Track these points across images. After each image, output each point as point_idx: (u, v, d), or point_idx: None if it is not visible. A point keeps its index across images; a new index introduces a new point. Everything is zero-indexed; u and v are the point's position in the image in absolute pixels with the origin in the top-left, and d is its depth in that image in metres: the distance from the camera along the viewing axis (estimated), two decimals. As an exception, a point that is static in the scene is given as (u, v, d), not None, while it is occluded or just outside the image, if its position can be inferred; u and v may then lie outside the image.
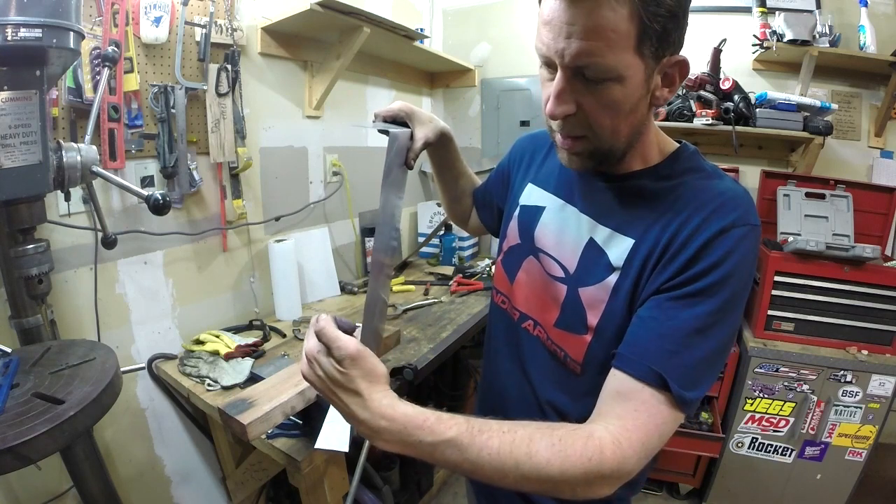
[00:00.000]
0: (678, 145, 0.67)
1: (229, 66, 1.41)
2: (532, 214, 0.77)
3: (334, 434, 0.87)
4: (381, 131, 0.80)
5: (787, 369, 1.68)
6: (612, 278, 0.62)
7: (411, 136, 0.79)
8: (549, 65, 0.57)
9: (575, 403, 0.69)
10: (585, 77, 0.54)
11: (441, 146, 0.89)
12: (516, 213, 0.80)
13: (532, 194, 0.79)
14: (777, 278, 1.68)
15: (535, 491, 0.52)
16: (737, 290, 0.56)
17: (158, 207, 0.95)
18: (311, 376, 0.54)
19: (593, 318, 0.64)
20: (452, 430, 0.50)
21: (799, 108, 1.83)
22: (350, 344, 0.52)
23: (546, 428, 0.53)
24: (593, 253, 0.66)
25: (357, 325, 0.60)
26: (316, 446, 0.89)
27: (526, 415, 0.74)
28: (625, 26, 0.50)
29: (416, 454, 0.51)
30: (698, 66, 1.93)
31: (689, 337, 0.54)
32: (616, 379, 0.57)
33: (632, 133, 0.60)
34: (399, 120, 0.81)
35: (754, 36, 1.92)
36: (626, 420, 0.53)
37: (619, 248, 0.63)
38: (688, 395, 0.53)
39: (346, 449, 0.88)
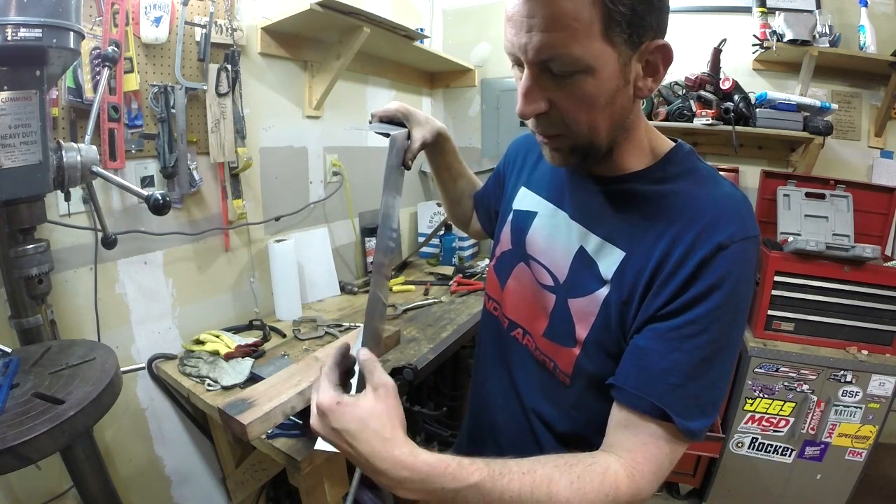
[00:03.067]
0: (673, 145, 0.64)
1: (229, 66, 1.41)
2: (524, 220, 0.75)
3: None
4: (378, 133, 0.81)
5: (787, 369, 1.68)
6: (602, 292, 0.61)
7: (408, 137, 0.80)
8: (518, 63, 0.54)
9: (561, 416, 0.68)
10: (553, 72, 0.51)
11: (438, 147, 0.89)
12: (510, 217, 0.79)
13: (525, 199, 0.78)
14: (777, 278, 1.67)
15: None
16: (739, 309, 0.54)
17: (158, 207, 0.95)
18: (322, 430, 0.52)
19: (582, 331, 0.62)
20: (475, 476, 0.49)
21: (799, 108, 1.83)
22: (360, 405, 0.50)
23: (564, 465, 0.53)
24: (583, 262, 0.64)
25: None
26: (315, 448, 0.90)
27: (511, 422, 0.74)
28: (587, 13, 0.47)
29: (436, 500, 0.50)
30: (698, 66, 1.93)
31: (694, 368, 0.53)
32: (621, 412, 0.57)
33: (613, 127, 0.57)
34: (396, 120, 0.81)
35: (754, 36, 1.92)
36: (636, 453, 0.54)
37: (609, 260, 0.61)
38: (694, 426, 0.53)
39: None
